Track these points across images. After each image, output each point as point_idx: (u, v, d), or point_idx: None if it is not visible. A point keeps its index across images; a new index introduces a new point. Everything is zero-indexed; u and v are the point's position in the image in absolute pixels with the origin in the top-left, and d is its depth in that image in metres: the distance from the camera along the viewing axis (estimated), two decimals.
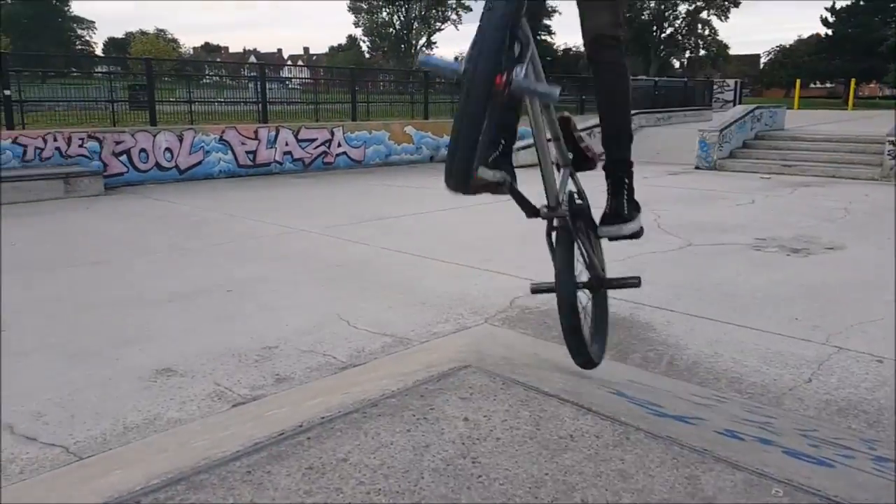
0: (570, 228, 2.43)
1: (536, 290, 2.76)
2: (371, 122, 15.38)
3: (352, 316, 4.72)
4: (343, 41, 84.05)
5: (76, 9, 71.00)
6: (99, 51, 74.14)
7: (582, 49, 2.48)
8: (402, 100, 20.36)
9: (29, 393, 3.55)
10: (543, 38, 70.72)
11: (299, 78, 27.71)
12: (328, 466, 1.56)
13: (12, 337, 4.35)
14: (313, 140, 13.48)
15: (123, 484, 1.54)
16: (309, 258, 6.44)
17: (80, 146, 11.01)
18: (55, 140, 10.84)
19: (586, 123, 17.18)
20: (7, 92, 11.13)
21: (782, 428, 2.89)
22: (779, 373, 3.74)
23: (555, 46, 71.65)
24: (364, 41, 74.63)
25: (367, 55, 74.25)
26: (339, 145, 13.84)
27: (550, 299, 4.91)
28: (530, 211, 2.41)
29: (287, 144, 13.10)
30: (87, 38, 73.38)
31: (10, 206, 9.21)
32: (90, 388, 3.64)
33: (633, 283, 2.67)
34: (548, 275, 2.59)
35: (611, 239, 2.52)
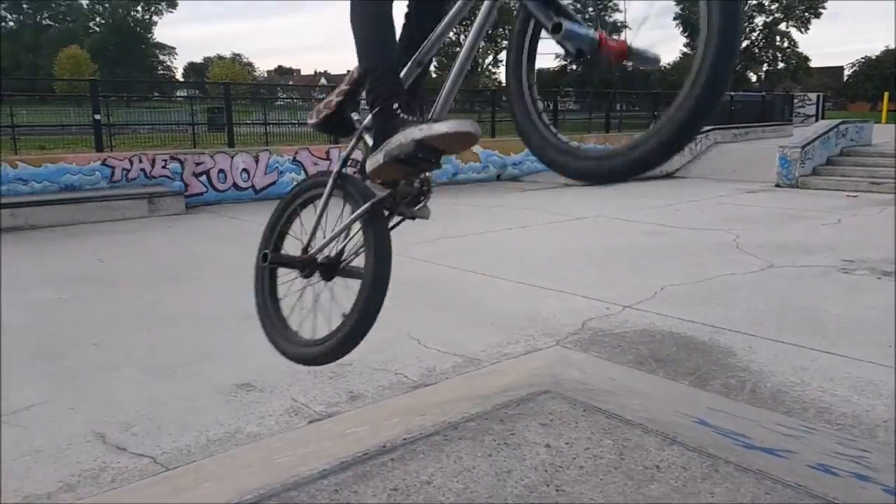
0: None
1: (277, 261, 2.21)
2: None
3: (421, 335, 4.75)
4: None
5: (158, 35, 75.03)
6: (179, 75, 77.91)
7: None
8: (468, 118, 20.46)
9: (119, 405, 3.72)
10: None
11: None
12: (412, 489, 1.57)
13: (102, 351, 4.58)
14: None
15: (216, 497, 1.59)
16: None
17: (163, 167, 11.54)
18: (140, 161, 11.39)
19: None
20: (97, 116, 11.82)
21: (878, 463, 2.73)
22: (871, 403, 3.54)
23: (624, 62, 70.81)
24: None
25: (433, 75, 75.38)
26: None
27: (625, 322, 4.83)
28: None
29: None
30: (169, 63, 77.34)
31: (99, 224, 9.73)
32: (174, 401, 3.79)
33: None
34: (630, 297, 2.53)
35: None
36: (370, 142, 1.98)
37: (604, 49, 1.55)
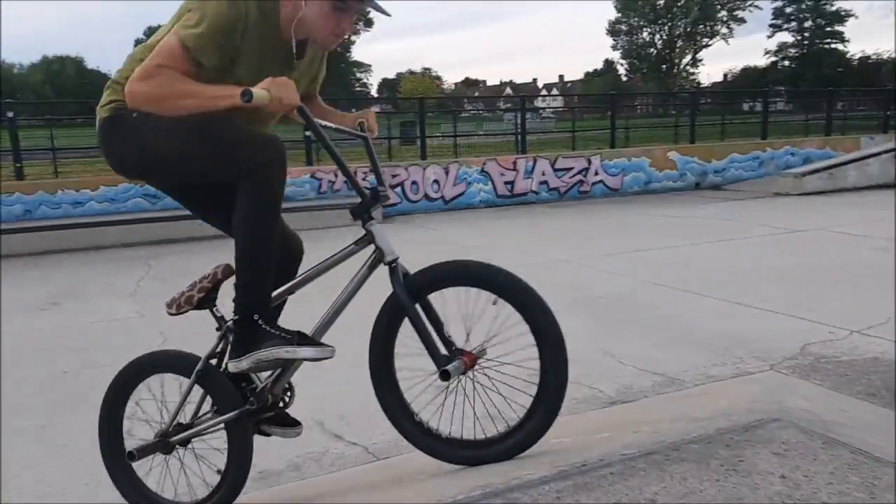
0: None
1: (143, 454, 2.34)
2: (630, 148, 15.03)
3: (616, 350, 4.63)
4: (599, 65, 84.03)
5: (355, 54, 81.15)
6: (374, 91, 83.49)
7: (884, 56, 1.98)
8: (664, 123, 19.61)
9: (334, 396, 4.06)
10: (835, 45, 62.84)
11: (552, 107, 28.22)
12: None
13: None
14: (570, 169, 13.58)
15: (443, 489, 1.67)
16: (568, 289, 6.47)
17: (364, 179, 12.41)
18: None
19: (889, 145, 14.83)
20: (308, 133, 13.02)
21: None
22: None
23: (848, 55, 63.10)
24: (622, 64, 73.69)
25: (624, 78, 72.97)
26: (596, 173, 13.75)
27: (853, 349, 4.33)
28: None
29: (544, 174, 13.39)
30: (365, 80, 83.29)
31: (309, 231, 10.62)
32: None
33: None
34: (859, 321, 2.26)
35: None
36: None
37: (464, 367, 2.06)
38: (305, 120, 2.04)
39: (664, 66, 64.82)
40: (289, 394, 2.44)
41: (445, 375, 2.00)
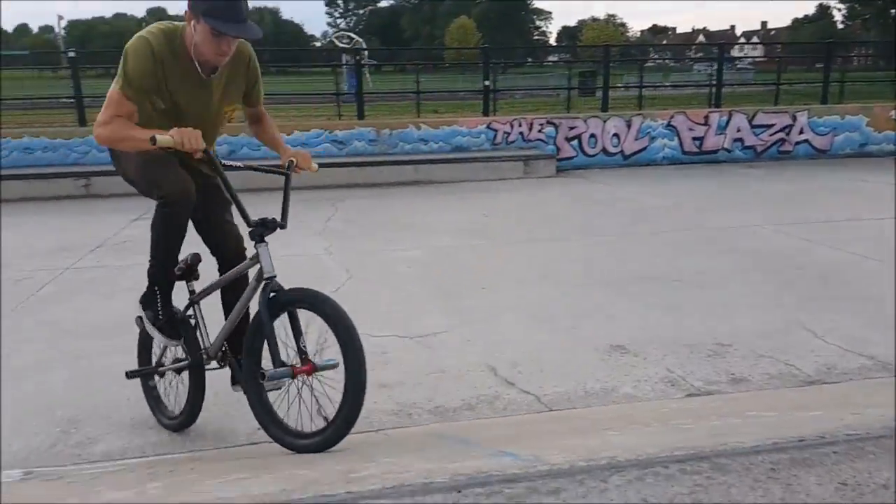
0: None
1: (135, 374, 3.16)
2: (845, 104, 13.27)
3: (818, 326, 4.19)
4: (811, 11, 75.01)
5: (536, 2, 79.09)
6: (552, 40, 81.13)
7: None
8: (888, 77, 17.18)
9: (507, 344, 4.09)
10: None
11: (751, 57, 25.70)
12: (866, 489, 1.37)
13: (490, 295, 5.07)
14: (770, 126, 12.29)
15: (641, 446, 1.60)
16: (761, 256, 5.95)
17: (539, 131, 12.19)
18: (519, 126, 12.20)
19: None
20: (487, 83, 12.98)
21: None
22: None
23: None
24: (839, 9, 65.15)
25: (840, 25, 64.33)
26: (801, 132, 12.33)
27: None
28: None
29: (739, 130, 12.27)
30: (544, 28, 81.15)
31: (482, 182, 10.75)
32: (554, 350, 4.01)
33: None
34: None
35: None
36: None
37: (297, 374, 2.49)
38: (212, 164, 2.58)
39: (893, 11, 56.05)
40: (226, 356, 2.91)
41: (262, 376, 2.48)
